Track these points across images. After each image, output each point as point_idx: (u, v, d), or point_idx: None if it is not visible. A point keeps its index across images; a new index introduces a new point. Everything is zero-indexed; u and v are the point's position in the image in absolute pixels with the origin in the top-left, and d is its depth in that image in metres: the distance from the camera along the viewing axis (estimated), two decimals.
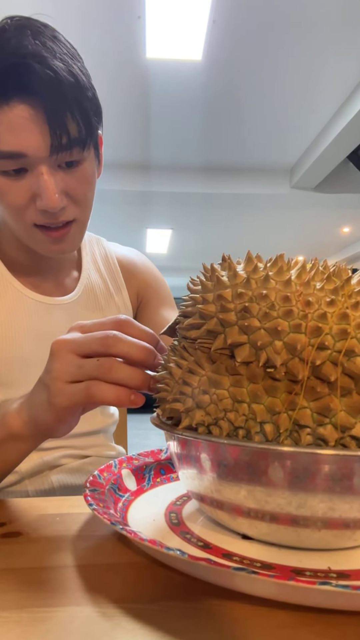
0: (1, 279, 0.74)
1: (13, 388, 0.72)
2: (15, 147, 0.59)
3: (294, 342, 0.33)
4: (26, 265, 0.76)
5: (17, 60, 0.57)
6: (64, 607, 0.30)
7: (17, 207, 0.64)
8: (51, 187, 0.61)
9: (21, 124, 0.58)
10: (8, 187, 0.62)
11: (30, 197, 0.63)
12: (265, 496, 0.34)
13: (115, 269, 0.88)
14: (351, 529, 0.35)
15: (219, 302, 0.37)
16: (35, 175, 0.61)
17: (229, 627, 0.28)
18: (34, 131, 0.59)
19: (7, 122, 0.58)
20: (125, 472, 0.50)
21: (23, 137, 0.59)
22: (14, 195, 0.62)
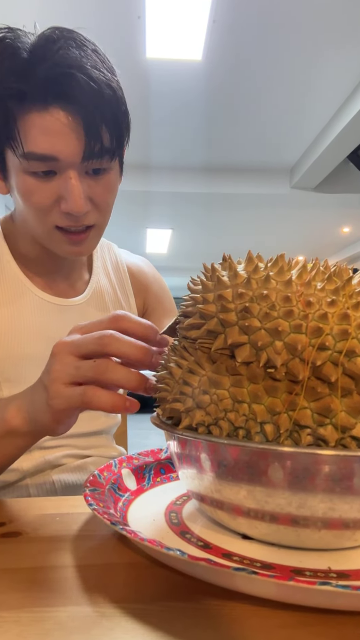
0: (13, 278, 0.75)
1: (20, 386, 0.72)
2: (49, 150, 0.61)
3: (295, 343, 0.33)
4: (39, 265, 0.78)
5: (62, 70, 0.59)
6: (63, 607, 0.30)
7: (42, 208, 0.65)
8: (78, 191, 0.63)
9: (57, 128, 0.60)
10: (35, 188, 0.64)
11: (56, 199, 0.64)
12: (265, 496, 0.34)
13: (124, 276, 0.90)
14: (351, 529, 0.35)
15: (220, 302, 0.37)
16: (63, 179, 0.63)
17: (229, 627, 0.28)
18: (69, 137, 0.61)
19: (43, 125, 0.60)
20: (125, 472, 0.50)
21: (57, 142, 0.61)
22: (39, 196, 0.64)
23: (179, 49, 3.24)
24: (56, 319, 0.77)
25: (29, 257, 0.77)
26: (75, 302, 0.80)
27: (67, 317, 0.78)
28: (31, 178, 0.63)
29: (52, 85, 0.59)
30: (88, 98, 0.60)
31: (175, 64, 3.38)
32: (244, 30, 3.05)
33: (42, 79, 0.59)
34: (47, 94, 0.59)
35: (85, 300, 0.81)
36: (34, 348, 0.74)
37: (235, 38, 3.14)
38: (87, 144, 0.61)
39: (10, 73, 0.59)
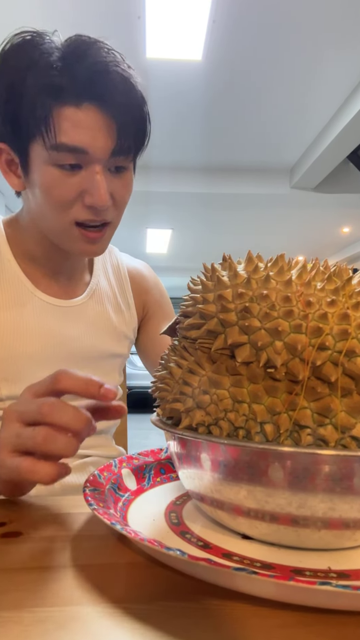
0: (14, 279, 0.76)
1: (18, 384, 0.73)
2: (79, 142, 0.63)
3: (295, 343, 0.33)
4: (42, 265, 0.79)
5: (98, 69, 0.63)
6: (64, 607, 0.30)
7: (64, 202, 0.67)
8: (103, 185, 0.66)
9: (89, 124, 0.63)
10: (60, 181, 0.66)
11: (79, 193, 0.66)
12: (265, 496, 0.34)
13: (125, 280, 0.91)
14: (351, 529, 0.35)
15: (220, 302, 0.37)
16: (88, 173, 0.66)
17: (229, 627, 0.28)
18: (100, 133, 0.64)
19: (75, 119, 0.63)
20: (125, 472, 0.50)
21: (88, 136, 0.64)
22: (63, 189, 0.66)
23: (179, 49, 3.25)
24: (56, 319, 0.78)
25: (33, 258, 0.78)
26: (75, 303, 0.81)
27: (64, 318, 0.79)
28: (57, 171, 0.65)
29: (87, 84, 0.62)
30: (120, 98, 0.64)
31: (175, 64, 3.38)
32: (244, 30, 3.05)
33: (79, 77, 0.62)
34: (83, 91, 0.63)
35: (84, 302, 0.82)
36: (34, 348, 0.75)
37: (235, 38, 3.14)
38: (118, 141, 0.65)
39: (48, 69, 0.62)
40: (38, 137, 0.64)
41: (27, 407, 0.44)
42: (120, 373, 0.90)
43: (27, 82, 0.62)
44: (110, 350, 0.85)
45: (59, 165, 0.65)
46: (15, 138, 0.66)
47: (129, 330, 0.89)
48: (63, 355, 0.79)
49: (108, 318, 0.85)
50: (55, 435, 0.42)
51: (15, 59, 0.64)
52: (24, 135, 0.65)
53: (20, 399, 0.46)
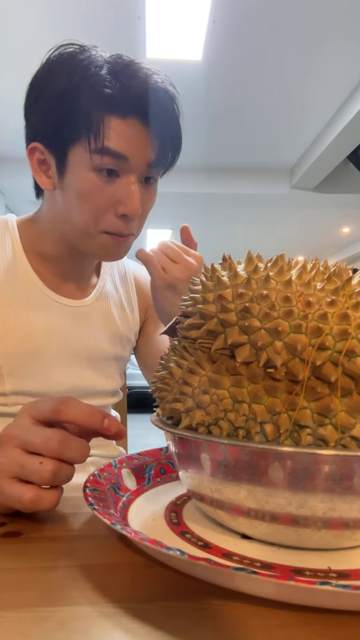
0: (25, 277, 0.79)
1: (23, 380, 0.76)
2: (122, 149, 0.68)
3: (295, 343, 0.33)
4: (54, 266, 0.81)
5: (147, 86, 0.68)
6: (64, 606, 0.30)
7: (98, 210, 0.71)
8: (137, 194, 0.70)
9: (132, 134, 0.68)
10: (98, 190, 0.70)
11: (112, 203, 0.70)
12: (265, 496, 0.34)
13: (130, 284, 0.95)
14: (351, 529, 0.35)
15: (220, 302, 0.37)
16: (124, 182, 0.70)
17: (229, 627, 0.28)
18: (142, 144, 0.70)
19: (120, 129, 0.68)
20: (125, 472, 0.50)
21: (131, 145, 0.68)
22: (99, 197, 0.70)
23: (179, 49, 3.25)
24: (63, 319, 0.81)
25: (46, 258, 0.81)
26: (82, 303, 0.84)
27: (73, 318, 0.82)
28: (95, 177, 0.69)
29: (136, 100, 0.68)
30: (163, 116, 0.71)
31: (175, 64, 3.38)
32: (244, 30, 3.06)
33: (130, 93, 0.67)
34: (131, 105, 0.68)
35: (91, 303, 0.85)
36: (41, 345, 0.77)
37: (235, 38, 3.14)
38: (155, 154, 0.71)
39: (102, 81, 0.67)
40: (82, 140, 0.67)
41: (31, 437, 0.42)
42: (121, 376, 0.92)
43: (80, 91, 0.66)
44: (113, 353, 0.88)
45: (98, 171, 0.68)
46: (56, 140, 0.70)
47: (131, 334, 0.92)
48: (68, 355, 0.81)
49: (113, 320, 0.88)
50: (61, 468, 0.41)
51: (67, 68, 0.68)
52: (66, 138, 0.68)
53: (18, 421, 0.44)
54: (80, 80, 0.67)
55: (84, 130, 0.67)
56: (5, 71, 3.55)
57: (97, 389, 0.86)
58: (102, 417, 0.43)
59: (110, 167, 0.68)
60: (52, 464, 0.41)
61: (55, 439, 0.41)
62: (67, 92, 0.67)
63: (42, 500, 0.41)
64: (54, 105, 0.68)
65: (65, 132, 0.68)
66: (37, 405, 0.44)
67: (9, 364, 0.75)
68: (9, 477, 0.42)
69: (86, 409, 0.43)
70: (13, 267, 0.78)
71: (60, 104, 0.68)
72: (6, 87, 3.75)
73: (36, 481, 0.41)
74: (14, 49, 3.27)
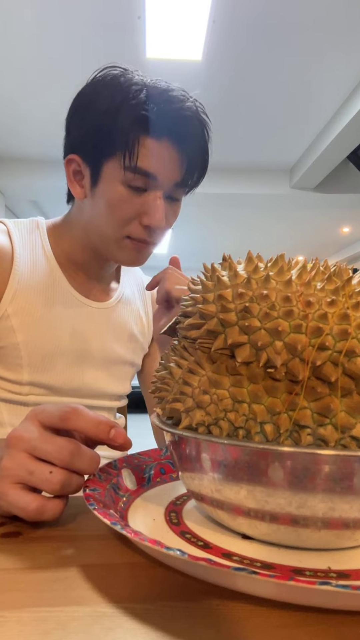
0: (51, 271, 0.84)
1: (40, 373, 0.80)
2: (152, 169, 0.74)
3: (295, 343, 0.33)
4: (78, 269, 0.87)
5: (181, 113, 0.74)
6: (64, 607, 0.30)
7: (124, 219, 0.76)
8: (162, 210, 0.76)
9: (164, 155, 0.74)
10: (126, 201, 0.75)
11: (137, 213, 0.76)
12: (265, 496, 0.34)
13: (147, 295, 1.01)
14: (351, 529, 0.35)
15: (220, 302, 0.37)
16: (151, 197, 0.75)
17: (229, 627, 0.28)
18: (172, 165, 0.75)
19: (153, 150, 0.73)
20: (125, 472, 0.50)
21: (161, 165, 0.74)
22: (127, 208, 0.75)
23: (179, 49, 3.24)
24: (84, 318, 0.85)
25: (71, 260, 0.86)
26: (103, 305, 0.89)
27: (94, 319, 0.87)
28: (125, 190, 0.74)
29: (171, 125, 0.74)
30: (193, 142, 0.76)
31: (175, 64, 3.38)
32: (244, 30, 3.05)
33: (166, 118, 0.73)
34: (166, 129, 0.73)
35: (112, 306, 0.90)
36: (60, 341, 0.82)
37: (235, 38, 3.14)
38: (183, 176, 0.77)
39: (142, 104, 0.72)
40: (117, 156, 0.73)
41: (43, 444, 0.41)
42: (130, 382, 0.95)
43: (120, 112, 0.72)
44: (127, 357, 0.92)
45: (129, 185, 0.74)
46: (94, 154, 0.76)
47: (145, 342, 0.97)
48: (86, 354, 0.85)
49: (130, 326, 0.93)
50: (70, 478, 0.41)
51: (110, 89, 0.74)
52: (104, 153, 0.74)
53: (27, 425, 0.43)
54: (122, 101, 0.72)
55: (120, 147, 0.73)
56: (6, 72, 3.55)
57: (107, 391, 0.89)
58: (109, 428, 0.43)
59: (140, 185, 0.74)
60: (62, 474, 0.41)
61: (67, 449, 0.41)
62: (108, 111, 0.73)
63: (47, 511, 0.40)
64: (96, 122, 0.74)
65: (103, 147, 0.74)
66: (44, 410, 0.43)
67: (29, 354, 0.79)
68: (14, 481, 0.41)
69: (94, 420, 0.42)
70: (42, 264, 0.83)
71: (102, 122, 0.73)
72: (6, 88, 3.75)
73: (45, 490, 0.41)
74: (14, 50, 3.27)
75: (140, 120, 0.72)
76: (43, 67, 3.45)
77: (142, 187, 0.75)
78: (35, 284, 0.81)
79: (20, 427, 0.43)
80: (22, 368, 0.79)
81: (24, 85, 3.70)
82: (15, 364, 0.79)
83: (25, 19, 2.98)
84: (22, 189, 5.27)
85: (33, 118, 4.20)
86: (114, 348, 0.89)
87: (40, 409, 0.43)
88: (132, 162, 0.73)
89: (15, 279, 0.79)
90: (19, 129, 4.41)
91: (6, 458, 0.41)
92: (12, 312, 0.78)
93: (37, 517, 0.40)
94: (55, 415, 0.42)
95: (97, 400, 0.88)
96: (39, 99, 3.87)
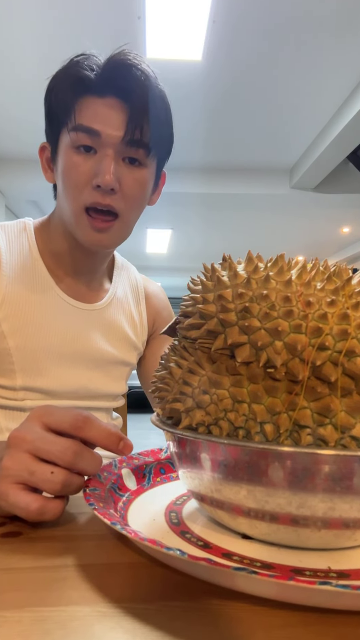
0: (40, 274, 0.83)
1: (35, 377, 0.80)
2: (94, 124, 0.72)
3: (295, 343, 0.33)
4: (64, 263, 0.85)
5: (120, 65, 0.73)
6: (64, 607, 0.30)
7: (77, 184, 0.74)
8: (109, 166, 0.73)
9: (106, 112, 0.73)
10: (76, 164, 0.74)
11: (90, 177, 0.74)
12: (265, 496, 0.34)
13: (141, 295, 0.99)
14: (351, 529, 0.35)
15: (220, 302, 0.37)
16: (100, 156, 0.73)
17: (229, 627, 0.28)
18: (114, 120, 0.73)
19: (95, 107, 0.73)
20: (125, 472, 0.50)
21: (103, 120, 0.72)
22: (78, 172, 0.74)
23: (179, 49, 3.24)
24: (75, 320, 0.84)
25: (58, 256, 0.85)
26: (95, 307, 0.87)
27: (85, 320, 0.85)
28: (75, 154, 0.74)
29: (110, 79, 0.72)
30: (137, 93, 0.73)
31: (175, 64, 3.38)
32: (244, 30, 3.05)
33: (103, 73, 0.73)
34: (105, 84, 0.72)
35: (103, 307, 0.89)
36: (52, 344, 0.81)
37: (235, 38, 3.14)
38: (128, 129, 0.73)
39: (79, 66, 0.73)
40: (65, 125, 0.74)
41: (46, 445, 0.41)
42: (126, 381, 0.95)
43: (62, 81, 0.74)
44: (121, 358, 0.91)
45: (76, 148, 0.73)
46: (51, 131, 0.77)
47: (139, 342, 0.96)
48: (78, 355, 0.84)
49: (122, 326, 0.92)
50: (72, 479, 0.41)
51: (62, 67, 0.76)
52: (55, 127, 0.76)
53: (29, 426, 0.42)
54: (65, 70, 0.75)
55: (64, 113, 0.73)
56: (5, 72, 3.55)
57: (104, 391, 0.88)
58: (119, 440, 0.43)
59: (86, 144, 0.73)
60: (64, 475, 0.40)
61: (71, 450, 0.40)
62: (55, 85, 0.75)
63: (48, 512, 0.40)
64: (47, 99, 0.76)
65: (53, 120, 0.76)
66: (52, 414, 0.43)
67: (21, 359, 0.78)
68: (15, 482, 0.41)
69: (105, 430, 0.42)
70: (30, 267, 0.82)
71: (50, 96, 0.76)
72: (6, 88, 3.75)
73: (46, 490, 0.41)
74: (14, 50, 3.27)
75: (79, 80, 0.73)
76: (43, 67, 3.45)
77: (90, 147, 0.74)
78: (24, 288, 0.80)
79: (22, 427, 0.43)
80: (15, 373, 0.79)
81: (24, 85, 3.70)
82: (8, 369, 0.79)
83: (25, 19, 2.98)
84: (22, 189, 5.27)
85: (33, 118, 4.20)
86: (107, 349, 0.88)
87: (43, 411, 0.43)
88: (72, 123, 0.73)
89: (3, 284, 0.78)
90: (19, 129, 4.41)
91: (7, 458, 0.41)
92: (2, 317, 0.77)
93: (38, 517, 0.40)
94: (66, 421, 0.42)
95: (94, 402, 0.88)
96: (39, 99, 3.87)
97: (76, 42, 3.16)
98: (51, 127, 0.77)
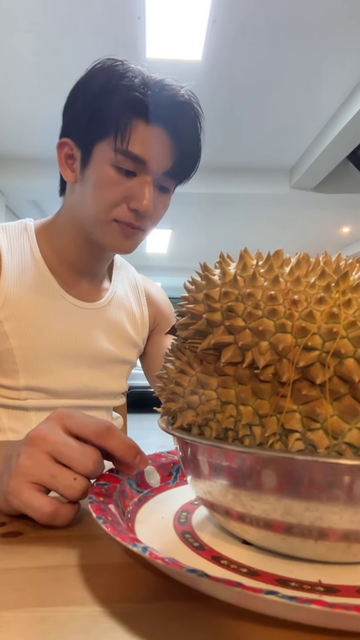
0: (41, 275, 0.83)
1: (36, 377, 0.80)
2: (143, 153, 0.74)
3: (278, 343, 0.31)
4: (68, 265, 0.86)
5: (174, 100, 0.75)
6: (64, 607, 0.30)
7: (112, 201, 0.76)
8: (150, 195, 0.76)
9: (155, 141, 0.75)
10: (114, 183, 0.75)
11: (125, 197, 0.75)
12: (250, 500, 0.33)
13: (141, 293, 1.01)
14: (345, 542, 0.32)
15: (207, 301, 0.36)
16: (140, 182, 0.75)
17: (229, 627, 0.28)
18: (163, 152, 0.76)
19: (145, 135, 0.74)
20: (148, 469, 0.50)
21: (152, 151, 0.74)
22: (115, 191, 0.75)
23: (179, 49, 3.24)
24: (77, 319, 0.85)
25: (62, 257, 0.85)
26: (95, 306, 0.88)
27: (86, 319, 0.86)
28: (114, 173, 0.74)
29: (163, 110, 0.74)
30: (185, 130, 0.77)
31: (175, 64, 3.38)
32: (244, 30, 3.05)
33: (159, 103, 0.73)
34: (158, 114, 0.74)
35: (103, 306, 0.90)
36: (54, 343, 0.81)
37: (235, 38, 3.13)
38: (173, 164, 0.77)
39: (135, 87, 0.72)
40: (109, 139, 0.73)
41: (69, 450, 0.41)
42: (126, 379, 0.96)
43: (114, 95, 0.72)
44: (121, 356, 0.92)
45: (118, 168, 0.74)
46: (86, 136, 0.76)
47: (139, 339, 0.97)
48: (80, 355, 0.85)
49: (123, 324, 0.92)
50: (88, 486, 0.41)
51: (106, 73, 0.74)
52: (96, 135, 0.74)
53: (50, 428, 0.42)
54: (116, 83, 0.73)
55: (112, 129, 0.73)
56: (5, 72, 3.55)
57: (104, 389, 0.89)
58: (137, 453, 0.44)
59: (129, 169, 0.74)
60: (85, 483, 0.41)
61: (92, 459, 0.41)
62: (103, 92, 0.73)
63: (60, 517, 0.40)
64: (90, 104, 0.74)
65: (95, 129, 0.74)
66: (74, 418, 0.43)
67: (24, 359, 0.79)
68: (31, 481, 0.40)
69: (125, 442, 0.43)
70: (31, 268, 0.82)
71: (95, 103, 0.74)
72: (6, 88, 3.75)
73: (65, 496, 0.41)
74: (14, 50, 3.27)
75: (134, 103, 0.72)
76: (43, 67, 3.45)
77: (131, 171, 0.75)
78: (25, 288, 0.81)
79: (43, 427, 0.42)
80: (18, 373, 0.79)
81: (24, 85, 3.70)
82: (10, 369, 0.79)
83: (25, 19, 2.97)
84: (22, 189, 5.27)
85: (33, 118, 4.20)
86: (108, 348, 0.89)
87: (67, 414, 0.43)
88: (123, 145, 0.73)
89: (5, 285, 0.79)
90: (19, 129, 4.41)
91: (25, 456, 0.41)
92: (4, 318, 0.78)
93: (49, 521, 0.40)
94: (90, 429, 0.42)
95: (95, 400, 0.88)
96: (39, 99, 3.87)
97: (76, 42, 3.16)
98: (89, 132, 0.75)
